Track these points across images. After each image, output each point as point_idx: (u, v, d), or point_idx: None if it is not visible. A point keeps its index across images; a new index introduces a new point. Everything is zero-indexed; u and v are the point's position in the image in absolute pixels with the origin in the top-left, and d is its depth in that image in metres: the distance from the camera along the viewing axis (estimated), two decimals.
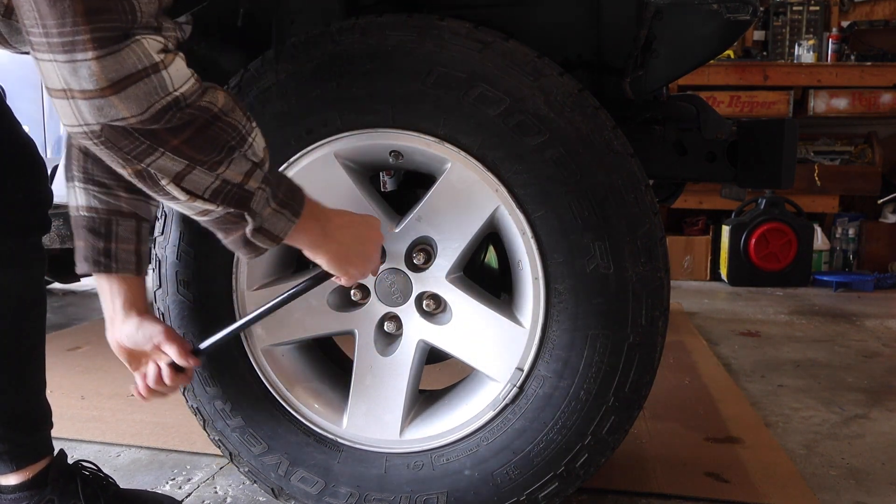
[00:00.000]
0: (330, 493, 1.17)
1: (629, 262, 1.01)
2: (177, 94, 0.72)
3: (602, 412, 1.05)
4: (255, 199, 0.83)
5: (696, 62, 1.23)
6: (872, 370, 2.26)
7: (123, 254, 1.04)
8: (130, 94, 0.69)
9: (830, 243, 4.35)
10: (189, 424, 1.68)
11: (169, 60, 0.71)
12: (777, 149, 1.32)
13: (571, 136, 1.01)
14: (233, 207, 0.81)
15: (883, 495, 1.36)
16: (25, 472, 1.13)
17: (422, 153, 1.07)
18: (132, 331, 1.04)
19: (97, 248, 1.03)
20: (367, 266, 1.02)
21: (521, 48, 1.04)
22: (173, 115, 0.72)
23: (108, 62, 0.67)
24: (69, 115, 0.70)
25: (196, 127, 0.75)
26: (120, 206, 1.05)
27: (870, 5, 4.50)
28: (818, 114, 4.12)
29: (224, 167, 0.78)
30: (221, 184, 0.79)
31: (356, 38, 1.06)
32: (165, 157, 0.74)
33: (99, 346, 2.55)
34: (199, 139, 0.75)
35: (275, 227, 0.86)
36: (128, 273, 1.05)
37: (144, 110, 0.70)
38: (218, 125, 0.77)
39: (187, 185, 0.77)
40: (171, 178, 0.76)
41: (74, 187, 1.04)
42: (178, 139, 0.74)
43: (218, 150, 0.77)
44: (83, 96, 0.68)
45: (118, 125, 0.70)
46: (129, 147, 0.72)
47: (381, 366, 1.15)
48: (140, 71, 0.69)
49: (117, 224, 1.04)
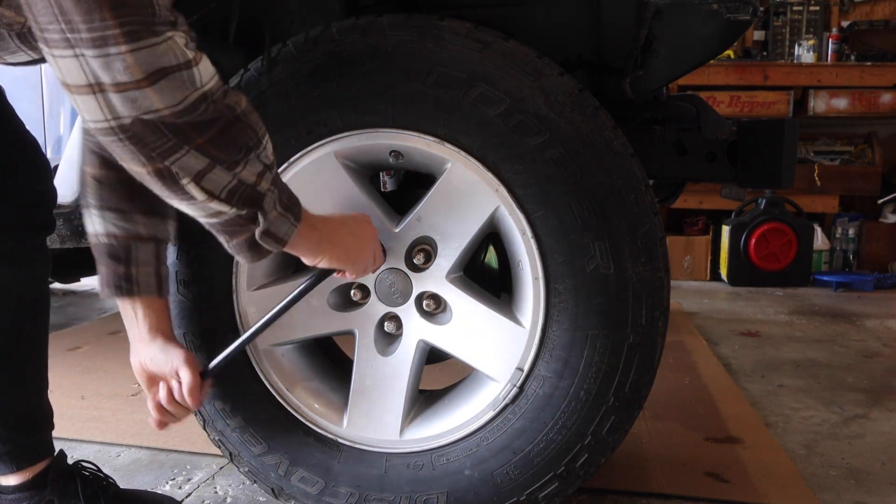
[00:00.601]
0: (330, 493, 1.17)
1: (629, 262, 1.01)
2: (205, 89, 0.73)
3: (602, 412, 1.05)
4: (266, 200, 0.84)
5: (696, 62, 1.23)
6: (872, 370, 2.26)
7: (144, 277, 1.05)
8: (164, 87, 0.69)
9: (830, 243, 4.35)
10: (189, 424, 1.67)
11: (199, 58, 0.73)
12: (777, 149, 1.32)
13: (571, 136, 1.01)
14: (245, 208, 0.82)
15: (883, 495, 1.36)
16: (25, 472, 1.12)
17: (422, 153, 1.07)
18: (157, 353, 1.05)
19: (118, 273, 1.04)
20: (370, 259, 1.03)
21: (522, 48, 1.04)
22: (206, 108, 0.73)
23: (142, 55, 0.67)
24: (96, 111, 0.70)
25: (220, 126, 0.76)
26: (138, 230, 1.05)
27: (870, 5, 4.50)
28: (818, 114, 4.12)
29: (241, 167, 0.80)
30: (237, 184, 0.80)
31: (356, 37, 1.06)
32: (189, 154, 0.75)
33: (99, 346, 2.55)
34: (222, 138, 0.77)
35: (279, 229, 0.87)
36: (150, 296, 1.06)
37: (179, 102, 0.71)
38: (239, 125, 0.78)
39: (206, 184, 0.78)
40: (192, 176, 0.77)
41: (91, 214, 1.05)
42: (203, 137, 0.75)
43: (237, 149, 0.79)
44: (116, 89, 0.68)
45: (150, 118, 0.70)
46: (155, 143, 0.73)
47: (382, 366, 1.15)
48: (175, 66, 0.70)
49: (136, 248, 1.05)
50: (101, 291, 1.06)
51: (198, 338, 1.17)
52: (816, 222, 4.23)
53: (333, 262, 0.98)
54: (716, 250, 4.27)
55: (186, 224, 1.14)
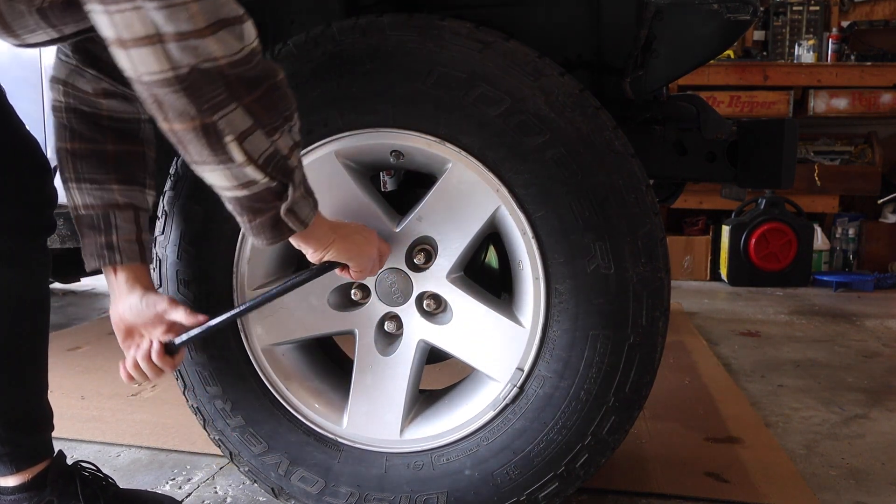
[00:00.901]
0: (330, 493, 1.17)
1: (630, 262, 1.01)
2: (254, 45, 0.77)
3: (602, 412, 1.05)
4: (296, 174, 0.86)
5: (697, 62, 1.23)
6: (872, 370, 2.26)
7: (125, 244, 1.07)
8: (223, 37, 0.73)
9: (830, 243, 4.35)
10: (189, 424, 1.68)
11: (246, 17, 0.76)
12: (777, 149, 1.32)
13: (572, 136, 1.01)
14: (277, 179, 0.84)
15: (883, 495, 1.36)
16: (25, 473, 1.12)
17: (422, 153, 1.07)
18: (136, 301, 1.06)
19: (100, 242, 1.06)
20: (374, 259, 1.04)
21: (522, 48, 1.04)
22: (257, 62, 0.78)
23: (205, 5, 0.71)
24: (153, 62, 0.72)
25: (265, 88, 0.79)
26: (115, 198, 1.07)
27: (870, 5, 4.50)
28: (818, 114, 4.13)
29: (278, 135, 0.82)
30: (274, 151, 0.82)
31: (357, 37, 1.06)
32: (237, 112, 0.77)
33: (99, 346, 2.55)
34: (266, 100, 0.80)
35: (302, 210, 0.89)
36: (133, 263, 1.08)
37: (237, 51, 0.74)
38: (280, 92, 0.82)
39: (247, 145, 0.80)
40: (236, 135, 0.78)
41: (70, 188, 1.06)
42: (251, 96, 0.78)
43: (278, 115, 0.82)
44: (178, 38, 0.71)
45: (208, 66, 0.73)
46: (209, 94, 0.75)
47: (382, 365, 1.15)
48: (233, 18, 0.74)
49: (115, 217, 1.07)
50: (86, 264, 1.08)
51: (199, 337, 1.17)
52: (816, 222, 4.23)
53: (340, 255, 0.98)
54: (716, 250, 4.27)
55: (187, 223, 1.14)
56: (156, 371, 1.05)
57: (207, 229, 1.14)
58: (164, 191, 1.18)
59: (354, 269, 1.02)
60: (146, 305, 1.05)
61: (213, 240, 1.14)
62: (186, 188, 1.14)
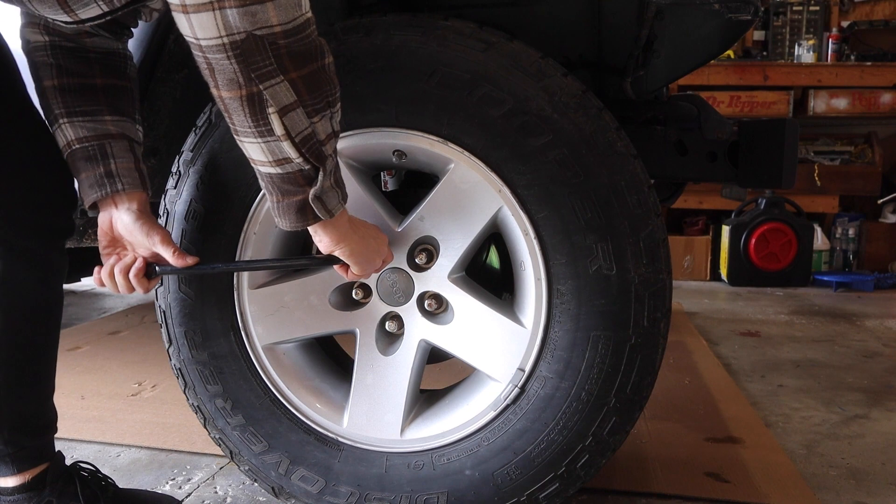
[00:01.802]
0: (330, 492, 1.17)
1: (631, 263, 1.01)
2: (309, 15, 0.80)
3: (603, 413, 1.05)
4: (328, 162, 0.87)
5: (698, 62, 1.23)
6: (872, 370, 2.26)
7: (125, 171, 1.05)
8: (282, 4, 0.75)
9: (830, 243, 4.36)
10: (189, 424, 1.68)
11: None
12: (777, 149, 1.32)
13: (575, 136, 1.00)
14: (310, 163, 0.85)
15: (883, 495, 1.36)
16: (25, 474, 1.12)
17: (425, 153, 1.07)
18: (130, 220, 1.04)
19: (98, 172, 1.04)
20: (377, 264, 1.05)
21: (525, 49, 1.04)
22: (309, 33, 0.80)
23: None
24: (211, 27, 0.75)
25: (312, 67, 0.82)
26: (108, 129, 1.05)
27: (870, 5, 4.50)
28: (818, 114, 4.13)
29: (318, 118, 0.84)
30: (311, 133, 0.84)
31: (360, 37, 1.06)
32: (282, 85, 0.80)
33: (99, 346, 2.55)
34: (311, 79, 0.82)
35: (330, 200, 0.90)
36: (134, 189, 1.06)
37: (291, 20, 0.77)
38: (326, 74, 0.84)
39: (288, 121, 0.82)
40: (278, 108, 0.81)
41: (60, 125, 1.04)
42: (298, 72, 0.80)
43: (321, 97, 0.84)
44: (239, 4, 0.73)
45: (263, 33, 0.76)
46: (258, 63, 0.77)
47: (383, 365, 1.15)
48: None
49: (111, 146, 1.05)
50: (85, 198, 1.05)
51: (199, 335, 1.17)
52: (816, 222, 4.23)
53: (350, 254, 0.99)
54: (716, 250, 4.28)
55: (188, 221, 1.14)
56: (129, 287, 1.04)
57: (208, 228, 1.14)
58: (165, 189, 1.18)
59: (355, 270, 1.02)
60: (139, 228, 1.04)
61: (213, 239, 1.14)
62: (187, 187, 1.14)
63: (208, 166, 1.13)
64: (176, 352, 1.19)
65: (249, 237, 1.14)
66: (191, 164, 1.14)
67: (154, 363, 2.26)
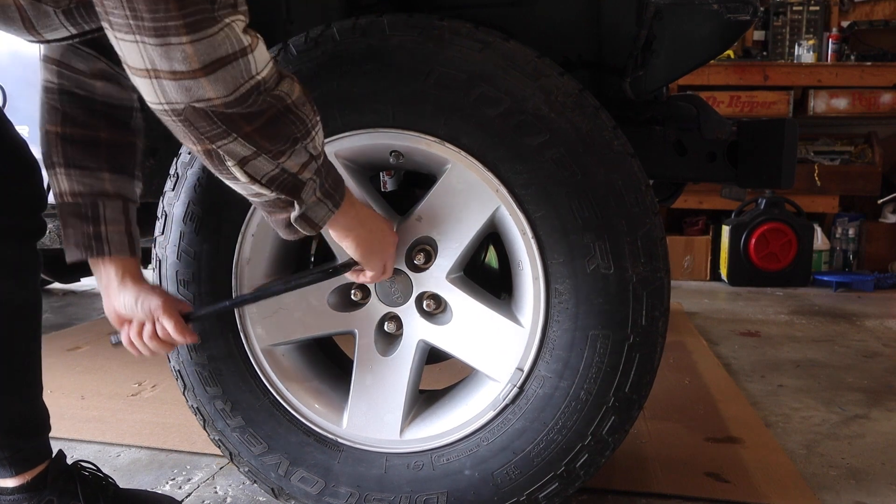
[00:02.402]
0: (330, 493, 1.17)
1: (629, 262, 1.01)
2: (259, 77, 0.75)
3: (602, 412, 1.05)
4: (305, 189, 0.86)
5: (697, 62, 1.23)
6: (872, 370, 2.26)
7: (115, 235, 1.03)
8: (219, 77, 0.71)
9: (830, 243, 4.35)
10: (189, 424, 1.68)
11: (255, 43, 0.74)
12: (777, 149, 1.32)
13: (572, 136, 1.01)
14: (284, 194, 0.85)
15: (883, 495, 1.36)
16: (25, 475, 1.12)
17: (422, 153, 1.07)
18: (130, 301, 1.03)
19: (87, 232, 1.02)
20: (388, 258, 1.05)
21: (522, 48, 1.04)
22: (255, 100, 0.75)
23: (201, 46, 0.69)
24: (151, 94, 0.73)
25: (269, 116, 0.78)
26: (104, 187, 1.04)
27: (870, 5, 4.50)
28: (818, 114, 4.12)
29: (286, 157, 0.82)
30: (280, 172, 0.83)
31: (357, 37, 1.06)
32: (237, 142, 0.77)
33: (99, 345, 2.55)
34: (270, 129, 0.79)
35: (316, 215, 0.90)
36: (122, 255, 1.04)
37: (231, 92, 0.73)
38: (289, 117, 0.80)
39: (250, 169, 0.81)
40: (237, 161, 0.80)
41: (56, 174, 1.03)
42: (252, 126, 0.77)
43: (284, 140, 0.81)
44: (172, 77, 0.70)
45: (202, 106, 0.73)
46: (205, 128, 0.75)
47: (382, 366, 1.15)
48: (231, 54, 0.71)
49: (104, 206, 1.03)
50: (68, 254, 1.03)
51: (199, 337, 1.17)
52: (816, 222, 4.23)
53: (357, 247, 0.99)
54: (716, 250, 4.27)
55: (186, 224, 1.14)
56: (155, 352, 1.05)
57: (206, 230, 1.14)
58: (163, 191, 1.18)
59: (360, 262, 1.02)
60: (142, 309, 1.03)
61: (213, 240, 1.14)
62: (185, 189, 1.14)
63: (206, 168, 1.13)
64: (175, 354, 1.19)
65: (247, 239, 1.14)
66: (188, 165, 1.14)
67: (154, 363, 2.26)
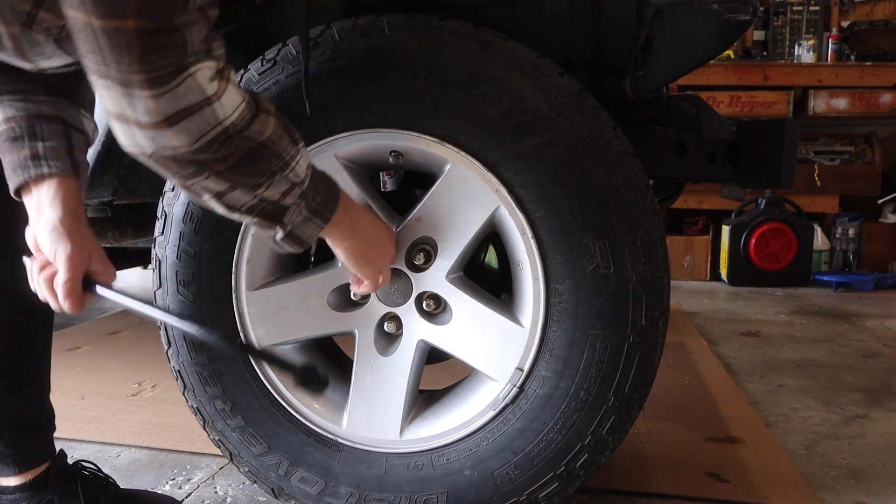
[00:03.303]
0: (330, 493, 1.17)
1: (629, 262, 1.01)
2: (227, 123, 0.75)
3: (602, 412, 1.05)
4: (288, 214, 0.87)
5: (697, 62, 1.23)
6: (872, 370, 2.26)
7: (53, 153, 0.93)
8: (183, 127, 0.72)
9: (830, 243, 4.35)
10: (189, 424, 1.68)
11: (221, 89, 0.74)
12: (777, 149, 1.32)
13: (572, 136, 1.01)
14: (266, 220, 0.86)
15: (883, 495, 1.36)
16: (27, 474, 1.12)
17: (422, 153, 1.07)
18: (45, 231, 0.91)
19: (23, 155, 0.93)
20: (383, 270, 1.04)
21: (522, 48, 1.04)
22: (221, 145, 0.76)
23: (163, 100, 0.69)
24: (122, 137, 0.74)
25: (241, 155, 0.78)
26: (41, 109, 0.95)
27: (870, 5, 4.50)
28: (818, 114, 4.12)
29: (263, 189, 0.83)
30: (259, 201, 0.84)
31: (356, 38, 1.06)
32: (210, 179, 0.79)
33: (99, 346, 2.55)
34: (242, 167, 0.79)
35: (303, 232, 0.90)
36: (63, 174, 0.93)
37: (195, 141, 0.73)
38: (262, 154, 0.80)
39: (227, 201, 0.82)
40: (213, 195, 0.81)
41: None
42: (223, 166, 0.78)
43: (259, 175, 0.81)
44: (138, 126, 0.71)
45: (169, 154, 0.74)
46: (176, 169, 0.77)
47: (382, 366, 1.15)
48: (194, 105, 0.71)
49: (40, 127, 0.94)
50: (10, 184, 0.94)
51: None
52: (816, 222, 4.23)
53: (351, 254, 0.99)
54: (716, 250, 4.27)
55: (186, 224, 1.14)
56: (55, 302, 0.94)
57: (206, 231, 1.14)
58: (163, 192, 1.18)
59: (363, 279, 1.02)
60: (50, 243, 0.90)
61: (211, 242, 1.14)
62: None
63: None
64: (175, 354, 1.19)
65: (247, 239, 1.14)
66: None
67: (154, 363, 2.27)
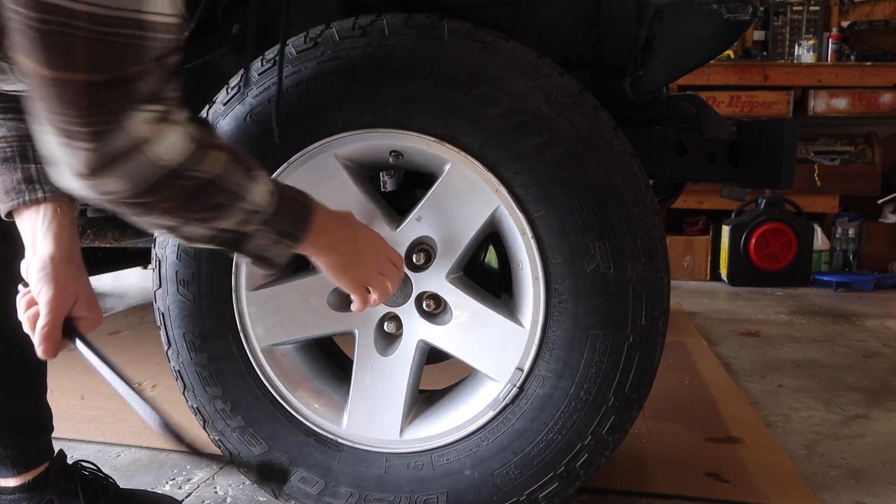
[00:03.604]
0: (330, 493, 1.17)
1: (629, 262, 1.01)
2: (171, 164, 0.72)
3: (602, 412, 1.05)
4: (251, 240, 0.85)
5: (697, 62, 1.23)
6: (872, 370, 2.26)
7: (47, 177, 0.90)
8: (121, 174, 0.70)
9: (830, 243, 4.35)
10: (189, 425, 1.68)
11: (158, 133, 0.70)
12: (777, 149, 1.32)
13: (572, 136, 1.01)
14: (229, 248, 0.85)
15: (883, 495, 1.36)
16: (27, 475, 1.12)
17: (422, 153, 1.07)
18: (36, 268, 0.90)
19: (15, 177, 0.92)
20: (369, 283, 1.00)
21: (521, 48, 1.04)
22: (165, 187, 0.73)
23: (104, 150, 0.67)
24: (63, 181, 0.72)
25: (187, 193, 0.76)
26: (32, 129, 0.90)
27: (870, 5, 4.50)
28: (818, 114, 4.12)
29: (218, 221, 0.81)
30: (217, 232, 0.83)
31: (356, 37, 1.06)
32: (161, 217, 0.77)
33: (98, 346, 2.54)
34: (190, 204, 0.77)
35: (273, 254, 0.89)
36: (57, 199, 0.93)
37: (135, 185, 0.71)
38: (211, 189, 0.78)
39: (182, 234, 0.81)
40: (167, 230, 0.80)
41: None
42: (171, 204, 0.76)
43: (209, 210, 0.79)
44: (77, 175, 0.69)
45: (112, 199, 0.73)
46: (123, 209, 0.75)
47: (381, 366, 1.15)
48: (128, 150, 0.69)
49: (33, 149, 0.93)
50: (1, 206, 0.93)
51: (198, 338, 1.17)
52: (816, 222, 4.23)
53: (329, 268, 0.97)
54: (716, 250, 4.27)
55: None
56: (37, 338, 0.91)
57: None
58: None
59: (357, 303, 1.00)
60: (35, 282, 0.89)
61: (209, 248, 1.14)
62: None
63: None
64: (175, 354, 1.19)
65: None
66: None
67: (154, 363, 2.26)
